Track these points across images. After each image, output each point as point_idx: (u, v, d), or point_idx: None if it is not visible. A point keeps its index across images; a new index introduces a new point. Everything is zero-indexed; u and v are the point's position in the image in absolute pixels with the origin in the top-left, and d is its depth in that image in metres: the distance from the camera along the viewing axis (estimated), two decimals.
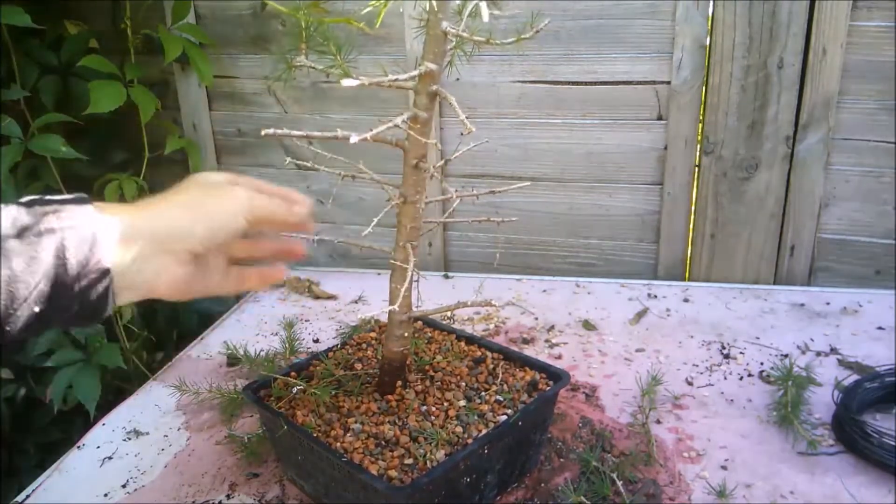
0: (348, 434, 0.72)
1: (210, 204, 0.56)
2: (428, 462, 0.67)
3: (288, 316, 1.23)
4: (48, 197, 0.49)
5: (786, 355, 1.05)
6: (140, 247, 0.51)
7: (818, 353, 1.05)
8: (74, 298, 0.48)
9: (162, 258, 0.52)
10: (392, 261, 0.73)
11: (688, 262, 1.39)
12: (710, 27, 1.23)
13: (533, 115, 1.38)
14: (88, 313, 0.49)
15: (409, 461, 0.67)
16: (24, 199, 0.48)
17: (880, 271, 1.30)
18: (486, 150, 1.42)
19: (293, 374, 0.82)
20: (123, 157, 1.53)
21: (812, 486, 0.77)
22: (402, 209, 0.70)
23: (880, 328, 1.12)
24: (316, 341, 1.16)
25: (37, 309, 0.46)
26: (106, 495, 0.83)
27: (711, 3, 1.21)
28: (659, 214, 1.38)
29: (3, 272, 0.45)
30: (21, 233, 0.46)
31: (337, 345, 0.90)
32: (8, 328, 0.46)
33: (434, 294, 1.30)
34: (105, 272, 0.49)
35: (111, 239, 0.49)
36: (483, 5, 0.55)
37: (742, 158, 1.28)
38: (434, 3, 0.59)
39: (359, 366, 0.84)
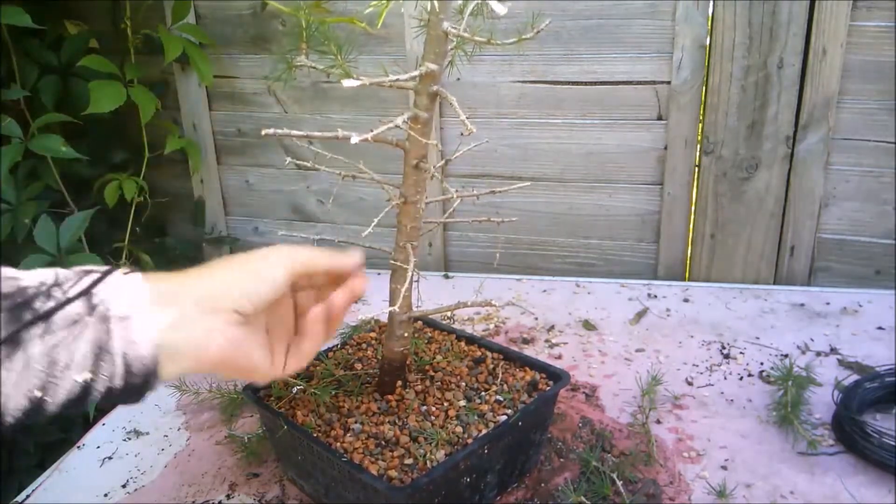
0: (348, 434, 0.72)
1: (250, 262, 0.55)
2: (428, 462, 0.67)
3: None
4: (86, 268, 0.47)
5: (786, 355, 1.05)
6: (182, 309, 0.48)
7: (818, 353, 1.05)
8: (119, 368, 0.45)
9: (209, 319, 0.49)
10: (392, 261, 0.73)
11: (688, 262, 1.39)
12: (710, 27, 1.23)
13: (533, 115, 1.38)
14: (133, 387, 0.46)
15: (409, 461, 0.67)
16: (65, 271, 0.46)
17: (880, 271, 1.30)
18: (487, 150, 1.42)
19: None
20: (123, 157, 1.53)
21: (812, 486, 0.77)
22: (403, 209, 0.70)
23: (880, 328, 1.12)
24: None
25: (79, 379, 0.44)
26: (106, 495, 0.83)
27: (711, 3, 1.21)
28: (659, 214, 1.38)
29: (43, 340, 0.43)
30: (62, 304, 0.44)
31: (337, 345, 0.90)
32: (48, 399, 0.43)
33: (434, 294, 1.30)
34: (150, 340, 0.46)
35: (153, 302, 0.47)
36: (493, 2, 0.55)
37: (742, 158, 1.28)
38: (435, 3, 0.59)
39: (359, 366, 0.84)
